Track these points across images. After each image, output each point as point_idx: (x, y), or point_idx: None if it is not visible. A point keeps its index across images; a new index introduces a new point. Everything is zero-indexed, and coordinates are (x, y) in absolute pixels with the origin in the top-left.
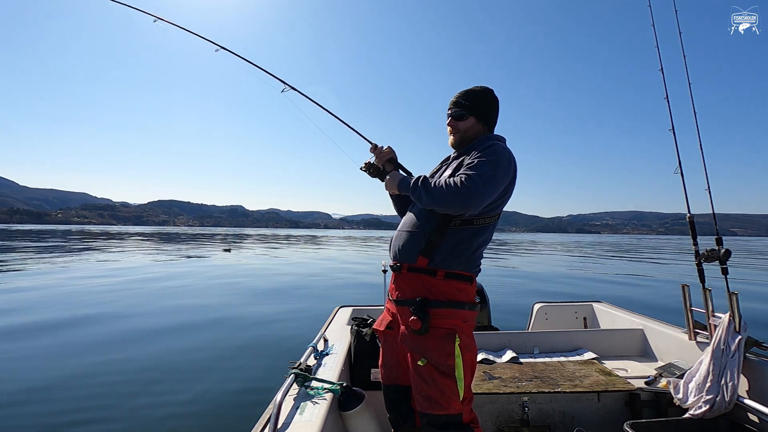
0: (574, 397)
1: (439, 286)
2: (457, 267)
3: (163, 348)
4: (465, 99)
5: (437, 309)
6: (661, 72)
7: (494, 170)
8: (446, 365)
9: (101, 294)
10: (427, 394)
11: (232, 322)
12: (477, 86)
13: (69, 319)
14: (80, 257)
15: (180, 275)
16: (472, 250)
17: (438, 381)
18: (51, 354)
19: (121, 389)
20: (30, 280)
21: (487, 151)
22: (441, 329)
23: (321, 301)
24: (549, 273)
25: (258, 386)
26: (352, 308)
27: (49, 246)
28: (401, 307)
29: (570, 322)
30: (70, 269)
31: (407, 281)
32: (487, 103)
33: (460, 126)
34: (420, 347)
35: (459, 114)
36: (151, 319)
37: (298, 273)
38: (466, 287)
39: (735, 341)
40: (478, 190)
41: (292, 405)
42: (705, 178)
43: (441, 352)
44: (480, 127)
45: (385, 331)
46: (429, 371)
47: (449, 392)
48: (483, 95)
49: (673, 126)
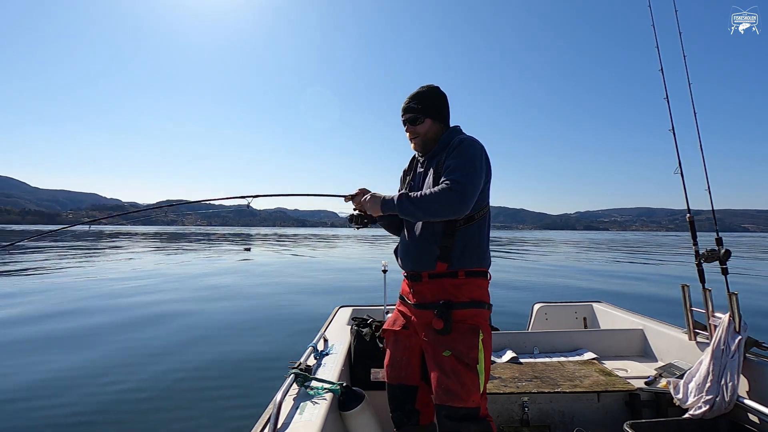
0: (574, 397)
1: (462, 286)
2: (473, 264)
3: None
4: (416, 103)
5: (462, 310)
6: (661, 72)
7: (473, 165)
8: (470, 357)
9: (169, 291)
10: (447, 387)
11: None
12: (422, 87)
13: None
14: (119, 258)
15: (231, 270)
16: (482, 245)
17: (460, 373)
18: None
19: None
20: (102, 283)
21: (460, 149)
22: (465, 324)
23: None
24: (551, 272)
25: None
26: (352, 308)
27: (84, 246)
28: (423, 311)
29: (570, 322)
30: (132, 271)
31: (428, 287)
32: (438, 102)
33: (419, 130)
34: (444, 341)
35: (414, 118)
36: (234, 316)
37: (337, 269)
38: (485, 283)
39: (735, 341)
40: (466, 191)
41: (292, 405)
42: (705, 179)
43: (465, 344)
44: (437, 126)
45: (398, 331)
46: (452, 363)
47: (470, 385)
48: (432, 95)
49: (673, 126)
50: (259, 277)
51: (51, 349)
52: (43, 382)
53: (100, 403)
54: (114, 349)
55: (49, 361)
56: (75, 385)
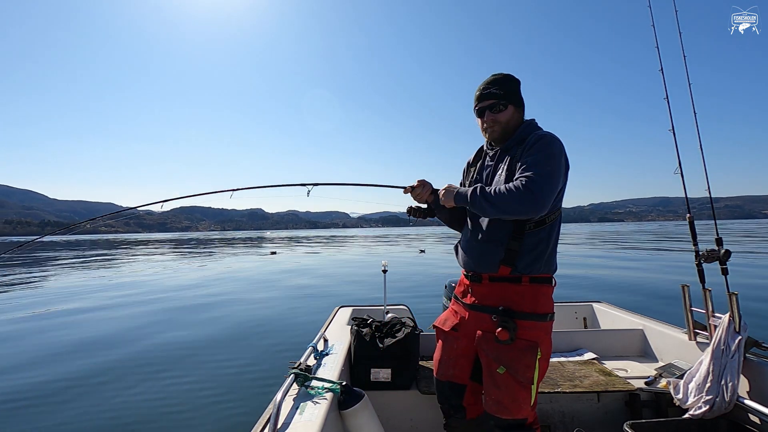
0: (574, 397)
1: (524, 293)
2: (539, 270)
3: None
4: (498, 88)
5: (522, 321)
6: (661, 72)
7: (552, 164)
8: (525, 377)
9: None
10: (498, 399)
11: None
12: (499, 74)
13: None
14: (165, 265)
15: (290, 270)
16: (550, 250)
17: (513, 389)
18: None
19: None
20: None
21: (539, 145)
22: (524, 341)
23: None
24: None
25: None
26: (352, 308)
27: (130, 253)
28: (479, 313)
29: (570, 322)
30: (199, 278)
31: (488, 289)
32: (519, 89)
33: (500, 118)
34: (501, 355)
35: (494, 105)
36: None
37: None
38: (549, 290)
39: (735, 341)
40: (542, 191)
41: (291, 405)
42: (705, 179)
43: (521, 363)
44: (519, 115)
45: (448, 332)
46: (506, 380)
47: (522, 400)
48: (513, 81)
49: (673, 126)
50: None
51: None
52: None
53: (99, 403)
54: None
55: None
56: (73, 386)
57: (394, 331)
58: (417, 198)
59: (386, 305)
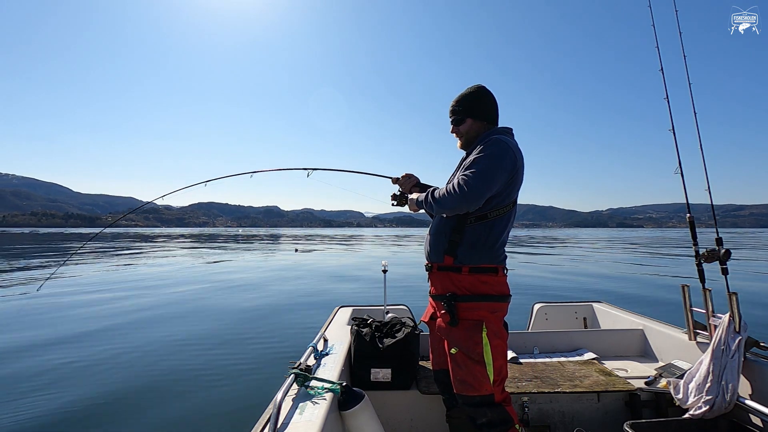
0: (574, 398)
1: (464, 281)
2: (480, 261)
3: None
4: (458, 105)
5: (464, 303)
6: (661, 72)
7: (489, 164)
8: (475, 352)
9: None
10: (461, 378)
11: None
12: (468, 88)
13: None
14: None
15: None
16: (491, 243)
17: (470, 366)
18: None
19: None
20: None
21: (483, 146)
22: (469, 320)
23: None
24: (552, 271)
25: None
26: (352, 308)
27: (172, 246)
28: (436, 301)
29: (570, 322)
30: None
31: (438, 279)
32: (480, 102)
33: (461, 129)
34: (452, 337)
35: (457, 120)
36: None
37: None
38: (491, 279)
39: (735, 341)
40: (474, 188)
41: (291, 405)
42: (706, 179)
43: (470, 341)
44: (479, 125)
45: (429, 321)
46: (462, 358)
47: (480, 376)
48: (473, 95)
49: (673, 126)
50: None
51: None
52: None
53: (99, 403)
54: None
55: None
56: (66, 377)
57: (394, 331)
58: (402, 187)
59: (386, 305)
